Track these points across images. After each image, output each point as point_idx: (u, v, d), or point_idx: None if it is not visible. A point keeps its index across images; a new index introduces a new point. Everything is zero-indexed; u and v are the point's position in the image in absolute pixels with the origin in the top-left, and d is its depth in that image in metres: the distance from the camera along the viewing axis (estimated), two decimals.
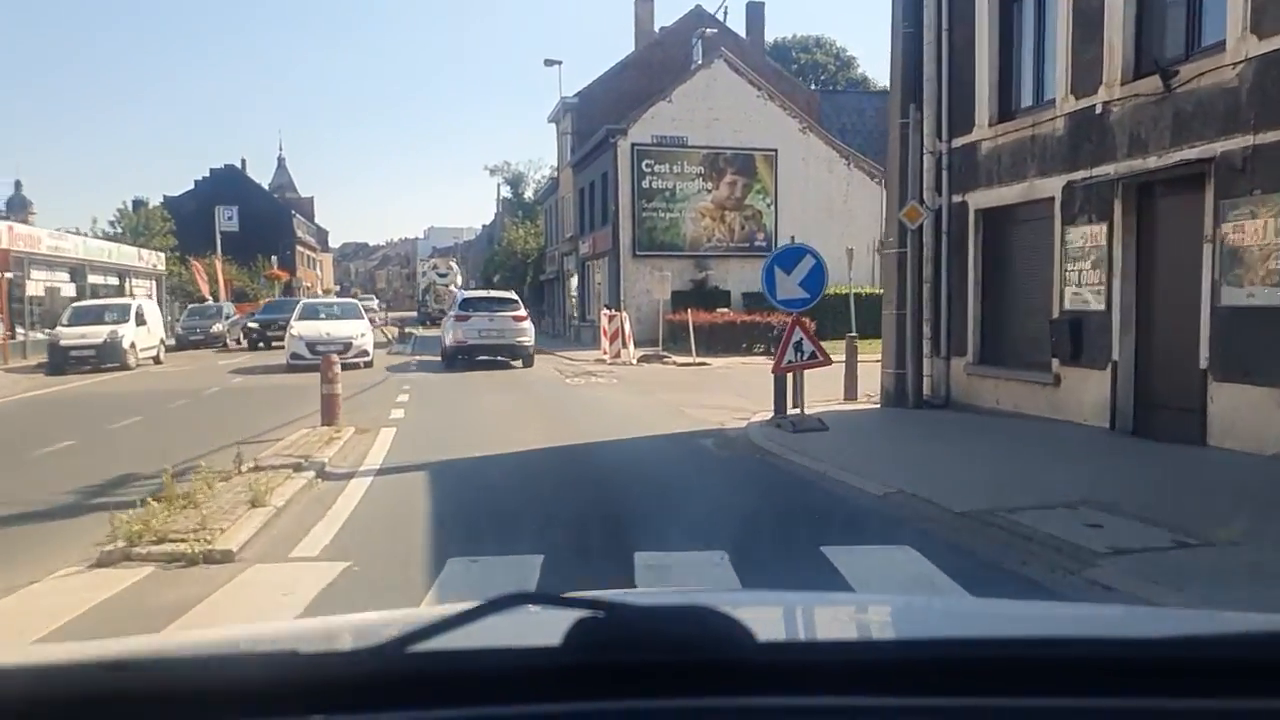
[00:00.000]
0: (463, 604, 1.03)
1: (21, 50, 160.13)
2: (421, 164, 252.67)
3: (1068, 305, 10.27)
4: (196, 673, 1.02)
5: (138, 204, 53.46)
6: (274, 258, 59.65)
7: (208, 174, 75.96)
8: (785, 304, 10.25)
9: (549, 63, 34.99)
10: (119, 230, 50.31)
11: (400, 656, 0.97)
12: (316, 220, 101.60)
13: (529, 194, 61.62)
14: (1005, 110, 11.47)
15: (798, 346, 10.11)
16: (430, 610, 1.30)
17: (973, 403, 11.69)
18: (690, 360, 21.59)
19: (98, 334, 22.26)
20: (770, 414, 11.20)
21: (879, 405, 12.52)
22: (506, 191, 66.87)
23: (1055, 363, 10.43)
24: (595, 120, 33.33)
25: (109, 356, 22.22)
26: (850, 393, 13.37)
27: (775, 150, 30.33)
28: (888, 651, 1.14)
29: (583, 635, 0.95)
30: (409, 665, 0.97)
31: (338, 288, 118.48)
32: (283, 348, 21.99)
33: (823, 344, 10.72)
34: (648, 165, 29.37)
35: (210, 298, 43.21)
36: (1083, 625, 1.47)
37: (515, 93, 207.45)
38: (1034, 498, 6.28)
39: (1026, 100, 11.29)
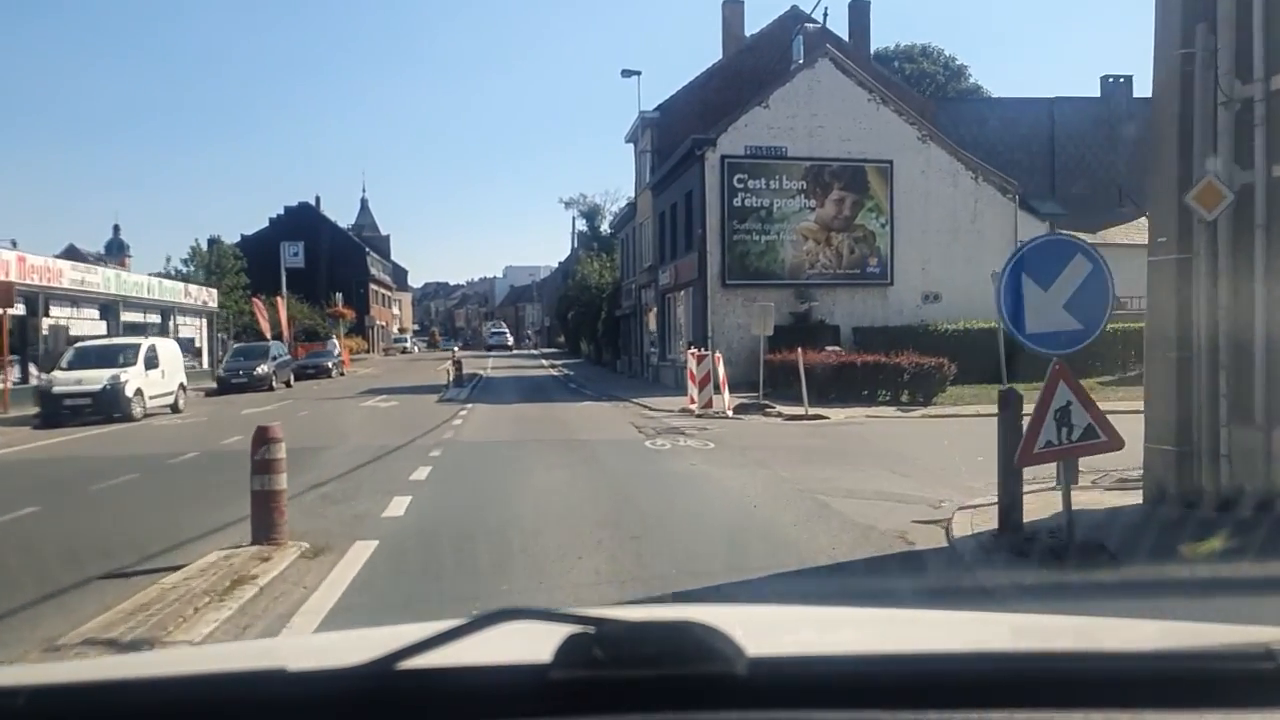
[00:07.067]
0: (453, 620, 1.02)
1: (117, 95, 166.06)
2: (501, 203, 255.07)
3: None
4: (187, 691, 1.04)
5: (212, 242, 51.62)
6: (338, 295, 57.27)
7: (282, 211, 74.89)
8: (1039, 342, 5.85)
9: (627, 73, 31.36)
10: (191, 268, 48.83)
11: (390, 673, 0.98)
12: (394, 258, 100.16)
13: (605, 227, 58.36)
14: None
15: (1062, 418, 5.68)
16: (421, 626, 1.12)
17: None
18: (801, 412, 17.15)
19: (96, 380, 18.92)
20: (978, 508, 6.87)
21: (1140, 497, 7.96)
22: (582, 225, 64.07)
23: None
24: (678, 136, 29.36)
25: (109, 406, 18.86)
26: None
27: (890, 162, 25.85)
28: (879, 665, 1.11)
29: (572, 651, 0.95)
30: (399, 682, 0.98)
31: (416, 326, 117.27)
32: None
33: (972, 390, 6.19)
34: (740, 180, 25.16)
35: (270, 336, 40.76)
36: (1071, 638, 1.50)
37: (594, 125, 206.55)
38: None
39: None
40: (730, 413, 17.74)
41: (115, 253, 73.11)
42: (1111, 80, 35.74)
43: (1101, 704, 0.96)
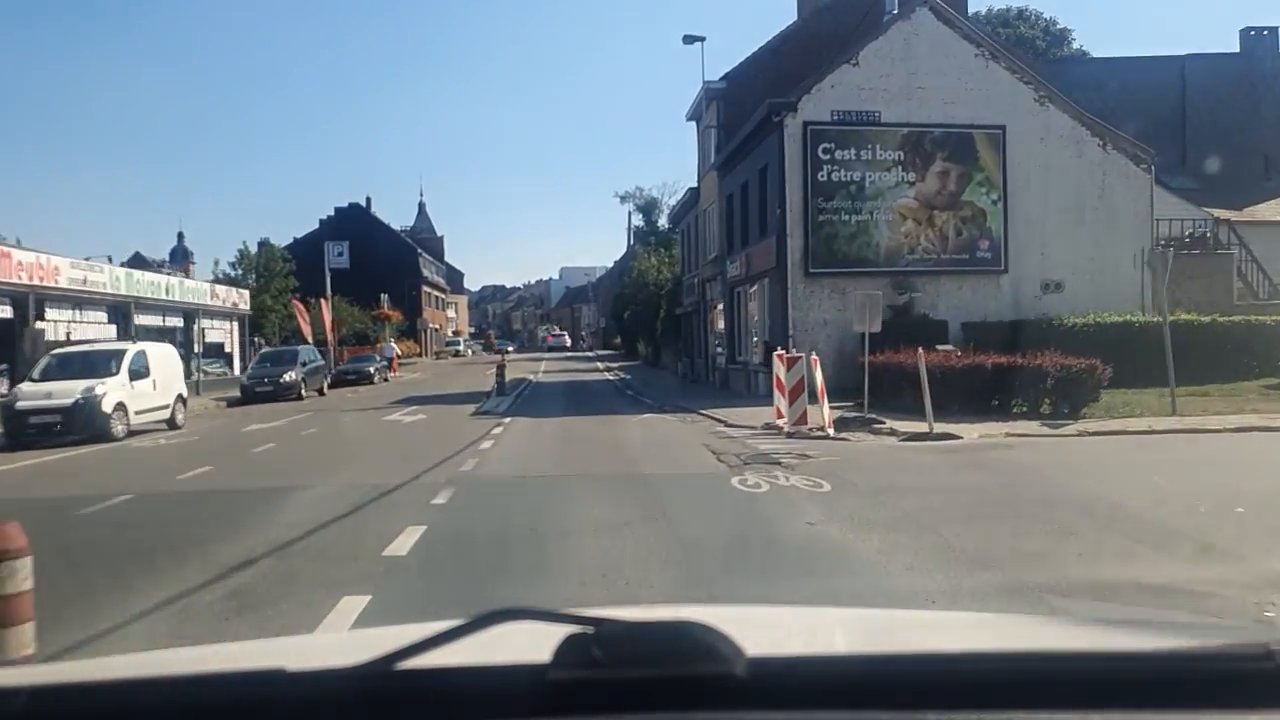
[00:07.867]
0: (452, 620, 1.01)
1: (181, 109, 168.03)
2: (556, 203, 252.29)
3: None
4: (187, 691, 1.03)
5: (261, 245, 49.70)
6: (384, 296, 54.66)
7: (332, 213, 72.92)
8: None
9: (689, 39, 27.81)
10: (238, 272, 46.99)
11: (389, 674, 0.97)
12: (452, 262, 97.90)
13: (663, 222, 54.97)
14: None
15: None
16: (420, 626, 1.11)
17: None
18: (923, 429, 13.39)
19: (67, 393, 15.95)
20: None
21: None
22: (639, 220, 60.69)
23: None
24: (746, 110, 25.68)
25: (83, 424, 15.89)
26: None
27: (1002, 127, 21.83)
28: (879, 666, 1.11)
29: (571, 651, 0.94)
30: (398, 682, 0.97)
31: (472, 329, 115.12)
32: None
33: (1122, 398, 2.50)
34: (826, 151, 21.39)
35: (312, 340, 38.32)
36: (1071, 638, 1.44)
37: (651, 116, 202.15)
38: None
39: None
40: (830, 430, 14.06)
41: (179, 260, 72.86)
42: (1254, 33, 30.93)
43: (1101, 704, 0.95)
